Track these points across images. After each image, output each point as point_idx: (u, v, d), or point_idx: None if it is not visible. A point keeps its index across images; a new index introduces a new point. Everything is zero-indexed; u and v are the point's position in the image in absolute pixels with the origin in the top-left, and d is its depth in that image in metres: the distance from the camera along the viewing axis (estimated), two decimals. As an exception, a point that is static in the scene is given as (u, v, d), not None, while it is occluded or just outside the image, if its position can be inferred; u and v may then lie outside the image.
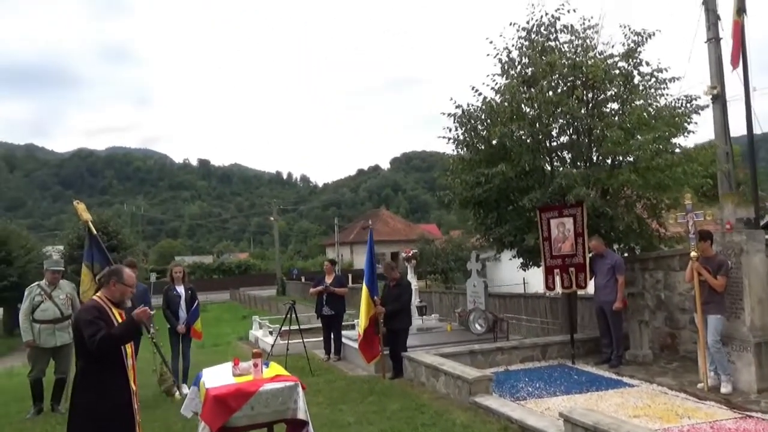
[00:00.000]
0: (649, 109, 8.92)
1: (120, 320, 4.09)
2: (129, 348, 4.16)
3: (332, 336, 10.26)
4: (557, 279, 8.33)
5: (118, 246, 27.43)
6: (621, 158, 8.94)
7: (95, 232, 7.04)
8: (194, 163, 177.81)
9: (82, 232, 7.49)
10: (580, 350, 8.68)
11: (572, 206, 8.17)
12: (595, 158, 9.25)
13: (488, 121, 9.39)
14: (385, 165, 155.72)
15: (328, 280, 10.39)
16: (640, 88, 9.17)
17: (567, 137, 9.47)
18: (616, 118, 8.91)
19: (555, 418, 5.37)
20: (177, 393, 7.47)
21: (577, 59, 9.04)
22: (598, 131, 8.86)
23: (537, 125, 9.04)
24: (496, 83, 9.67)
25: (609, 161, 9.18)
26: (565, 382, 7.27)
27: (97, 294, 4.19)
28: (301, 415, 4.21)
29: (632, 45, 9.15)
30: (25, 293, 7.20)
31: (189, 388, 5.13)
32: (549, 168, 9.56)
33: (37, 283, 7.32)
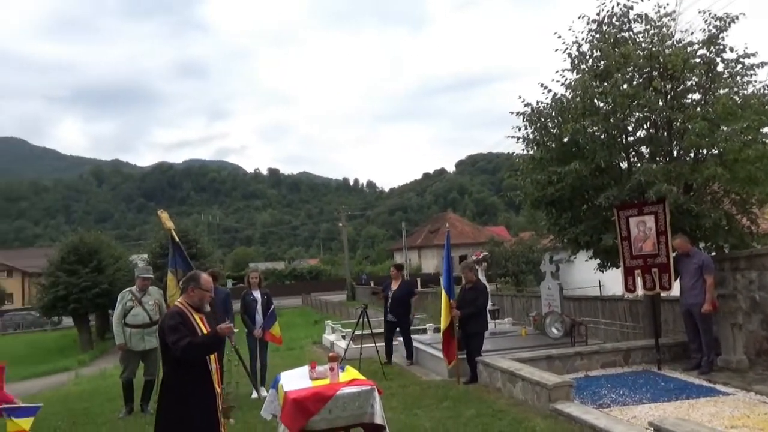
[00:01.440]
0: (735, 97, 8.34)
1: (201, 325, 4.24)
2: (212, 355, 4.30)
3: (403, 341, 10.18)
4: (638, 280, 7.93)
5: (197, 254, 28.77)
6: (705, 151, 8.41)
7: (177, 239, 7.36)
8: (265, 172, 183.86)
9: (165, 241, 7.91)
10: (666, 355, 8.22)
11: (653, 203, 7.76)
12: (676, 152, 8.76)
13: (559, 118, 9.10)
14: (451, 168, 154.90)
15: (395, 285, 10.26)
16: (725, 75, 8.60)
17: (644, 131, 9.02)
18: (699, 109, 8.40)
19: (644, 427, 5.10)
20: (253, 395, 7.67)
21: (654, 49, 8.60)
22: (678, 124, 8.38)
23: (611, 120, 8.66)
24: (566, 79, 9.36)
25: (692, 155, 8.67)
26: (652, 389, 6.89)
27: (179, 300, 4.36)
28: (378, 419, 4.21)
29: (714, 31, 8.61)
30: (118, 298, 7.64)
31: (267, 391, 5.25)
32: (626, 164, 9.14)
33: (129, 289, 7.75)
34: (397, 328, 10.17)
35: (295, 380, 4.59)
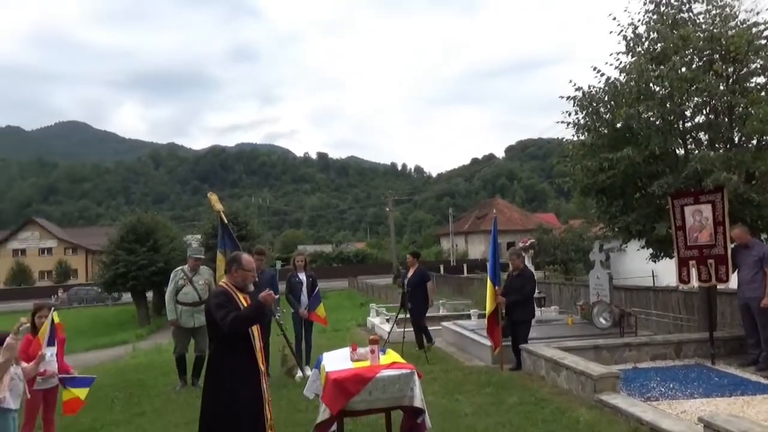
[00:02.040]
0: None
1: (245, 304, 4.38)
2: (256, 331, 4.44)
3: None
4: (693, 271, 7.64)
5: (248, 235, 29.52)
6: (770, 137, 7.98)
7: (226, 221, 7.57)
8: (314, 156, 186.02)
9: (217, 222, 8.14)
10: (720, 350, 7.91)
11: (710, 192, 7.42)
12: (737, 139, 8.35)
13: (612, 102, 8.80)
14: (500, 154, 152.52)
15: (411, 273, 10.01)
16: (793, 58, 8.10)
17: (703, 117, 8.63)
18: (763, 93, 7.96)
19: (693, 422, 4.95)
20: (298, 375, 7.88)
21: (715, 31, 8.18)
22: (740, 109, 7.97)
23: (668, 105, 8.31)
24: (621, 62, 9.04)
25: (754, 142, 8.24)
26: (704, 383, 6.66)
27: (223, 281, 4.52)
28: (418, 402, 4.24)
29: (783, 10, 8.10)
30: (171, 276, 7.97)
31: (311, 371, 5.37)
32: (682, 151, 8.78)
33: (181, 267, 8.07)
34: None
35: (337, 361, 4.67)
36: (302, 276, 8.61)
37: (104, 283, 31.73)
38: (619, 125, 8.66)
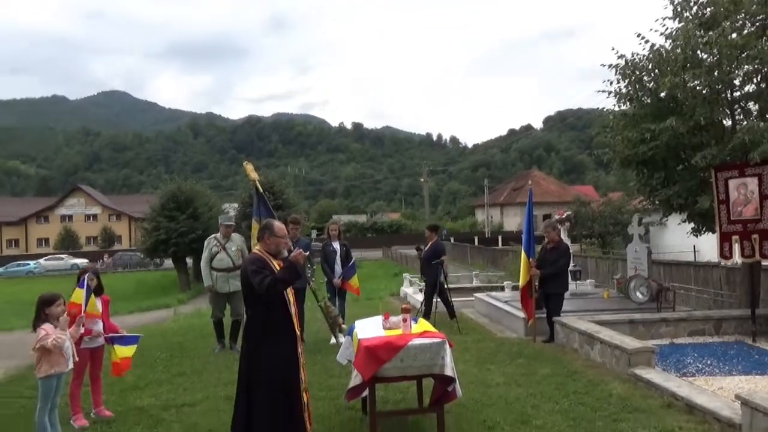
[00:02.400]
0: None
1: (279, 269, 4.48)
2: (292, 296, 4.55)
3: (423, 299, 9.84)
4: (735, 247, 7.41)
5: (284, 204, 29.92)
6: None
7: (261, 190, 7.69)
8: (349, 126, 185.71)
9: (252, 191, 8.28)
10: (762, 327, 7.71)
11: (757, 165, 7.13)
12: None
13: (656, 71, 8.47)
14: (538, 124, 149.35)
15: (427, 247, 9.84)
16: None
17: (753, 86, 8.22)
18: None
19: (730, 399, 4.87)
20: (332, 341, 8.04)
21: (771, -7, 7.73)
22: (795, 77, 7.57)
23: (716, 73, 7.94)
24: (667, 28, 8.66)
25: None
26: (743, 361, 6.52)
27: (257, 248, 4.61)
28: (448, 371, 4.29)
29: None
30: (205, 244, 8.20)
31: (344, 338, 5.47)
32: (729, 122, 8.42)
33: (213, 235, 8.29)
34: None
35: (369, 329, 4.75)
36: (336, 245, 8.71)
37: (146, 249, 32.75)
38: (663, 95, 8.35)
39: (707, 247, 13.14)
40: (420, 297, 11.39)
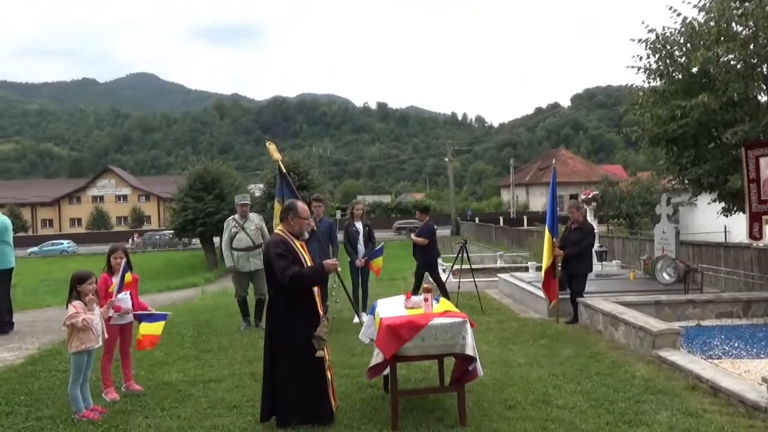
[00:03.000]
0: None
1: (302, 251, 4.51)
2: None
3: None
4: (766, 228, 7.21)
5: (308, 185, 30.08)
6: None
7: (284, 170, 7.72)
8: (373, 106, 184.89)
9: (276, 171, 8.33)
10: (794, 310, 7.54)
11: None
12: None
13: (688, 45, 8.23)
14: (566, 102, 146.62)
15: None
16: None
17: (792, 59, 7.92)
18: None
19: (757, 382, 4.78)
20: (354, 320, 8.11)
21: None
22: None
23: (751, 47, 7.68)
24: (700, 0, 8.35)
25: None
26: (772, 343, 6.39)
27: (279, 228, 4.62)
28: (469, 351, 4.30)
29: None
30: (224, 225, 8.32)
31: (366, 317, 5.52)
32: (765, 98, 8.15)
33: (232, 216, 8.39)
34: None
35: (391, 308, 4.78)
36: (359, 225, 8.74)
37: (175, 228, 33.40)
38: (695, 70, 8.11)
39: (738, 227, 12.80)
40: (443, 278, 11.37)
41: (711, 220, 17.17)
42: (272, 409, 4.44)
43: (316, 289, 4.57)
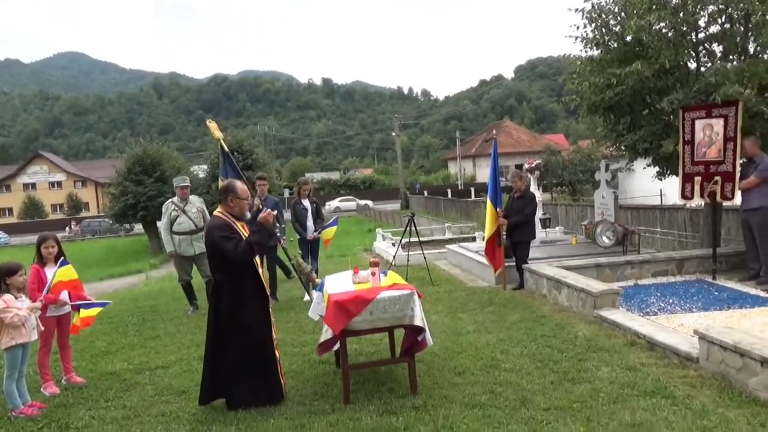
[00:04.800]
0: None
1: (245, 233, 4.40)
2: (257, 258, 4.50)
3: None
4: (696, 188, 7.56)
5: (254, 164, 29.44)
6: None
7: (227, 149, 7.51)
8: (318, 82, 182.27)
9: (218, 150, 8.06)
10: (722, 265, 7.98)
11: (724, 105, 7.19)
12: (752, 50, 7.99)
13: (622, 14, 8.40)
14: (509, 74, 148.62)
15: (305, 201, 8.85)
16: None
17: (718, 27, 8.22)
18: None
19: (689, 335, 5.05)
20: (305, 298, 8.07)
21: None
22: (757, 17, 7.57)
23: (681, 15, 7.91)
24: (633, -31, 8.52)
25: (771, 52, 7.89)
26: (703, 298, 6.75)
27: (218, 211, 4.45)
28: (418, 321, 4.34)
29: None
30: (163, 209, 8.01)
31: (316, 294, 5.47)
32: (694, 65, 8.45)
33: (171, 200, 8.07)
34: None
35: (339, 284, 4.75)
36: (306, 203, 8.64)
37: (114, 214, 32.08)
38: (629, 38, 8.30)
39: (673, 190, 13.43)
40: (393, 251, 11.43)
41: (647, 184, 17.94)
42: (214, 392, 4.36)
43: (260, 271, 4.49)
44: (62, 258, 5.11)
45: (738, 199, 7.63)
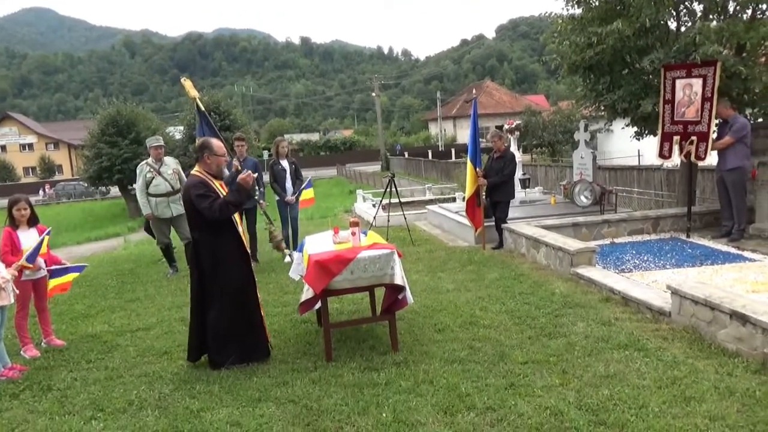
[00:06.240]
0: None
1: (223, 191, 4.35)
2: (238, 217, 4.47)
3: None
4: (675, 147, 7.64)
5: (231, 125, 28.92)
6: (765, 6, 7.63)
7: (203, 108, 7.34)
8: (296, 41, 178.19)
9: (194, 110, 7.89)
10: (696, 223, 8.16)
11: (704, 65, 7.20)
12: (731, 9, 7.98)
13: (604, -30, 8.29)
14: (491, 34, 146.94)
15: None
16: None
17: (699, -16, 8.18)
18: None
19: (662, 290, 5.19)
20: (286, 259, 8.08)
21: None
22: (738, -25, 7.54)
23: (663, -28, 7.84)
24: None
25: (749, 12, 7.89)
26: (677, 255, 6.92)
27: (196, 170, 4.40)
28: (398, 280, 4.38)
29: None
30: (137, 171, 7.82)
31: (296, 254, 5.48)
32: (674, 24, 8.42)
33: (145, 161, 7.88)
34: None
35: (319, 244, 4.76)
36: (285, 163, 8.54)
37: (89, 177, 31.44)
38: (610, -4, 8.23)
39: (650, 151, 13.60)
40: (373, 212, 11.44)
41: (626, 145, 18.08)
42: (201, 350, 4.40)
43: (241, 230, 4.47)
44: (48, 229, 5.06)
45: (713, 159, 7.74)
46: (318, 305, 4.55)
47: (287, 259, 8.12)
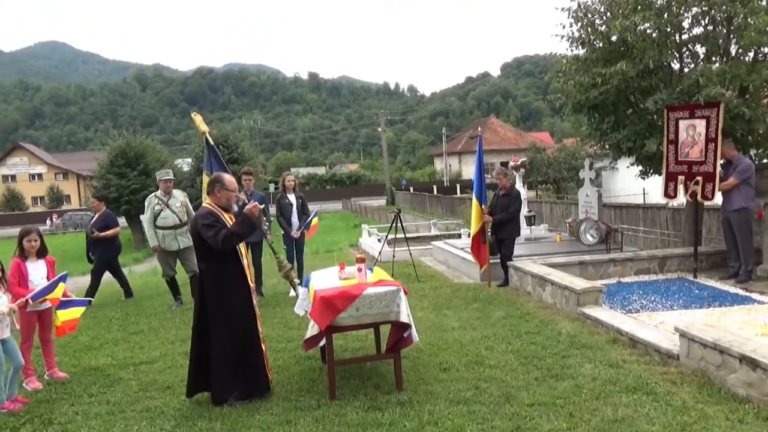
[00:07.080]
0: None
1: (230, 222, 4.42)
2: (243, 249, 4.51)
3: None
4: (680, 187, 7.67)
5: (239, 158, 29.23)
6: (767, 50, 7.76)
7: (212, 142, 7.45)
8: (304, 76, 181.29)
9: (203, 143, 8.00)
10: (703, 264, 8.11)
11: (707, 107, 7.30)
12: (733, 52, 8.12)
13: (608, 13, 8.49)
14: (495, 71, 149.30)
15: (96, 217, 9.33)
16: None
17: (701, 28, 8.34)
18: (764, 2, 7.65)
19: (670, 332, 5.13)
20: (291, 293, 8.05)
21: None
22: (739, 20, 7.68)
23: (665, 16, 8.01)
24: (619, -31, 8.59)
25: (751, 54, 8.03)
26: (684, 296, 6.87)
27: (207, 202, 4.51)
28: (404, 318, 4.36)
29: None
30: (146, 203, 7.92)
31: (302, 289, 5.47)
32: (677, 65, 8.56)
33: (154, 193, 7.99)
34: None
35: (325, 280, 4.76)
36: (292, 197, 8.61)
37: (97, 207, 31.64)
38: (614, 38, 8.39)
39: (655, 189, 13.60)
40: (379, 247, 11.43)
41: (631, 183, 18.13)
42: (200, 385, 4.37)
43: (245, 262, 4.49)
44: (64, 274, 5.12)
45: (718, 199, 7.76)
46: (323, 342, 4.53)
47: (292, 293, 8.09)
